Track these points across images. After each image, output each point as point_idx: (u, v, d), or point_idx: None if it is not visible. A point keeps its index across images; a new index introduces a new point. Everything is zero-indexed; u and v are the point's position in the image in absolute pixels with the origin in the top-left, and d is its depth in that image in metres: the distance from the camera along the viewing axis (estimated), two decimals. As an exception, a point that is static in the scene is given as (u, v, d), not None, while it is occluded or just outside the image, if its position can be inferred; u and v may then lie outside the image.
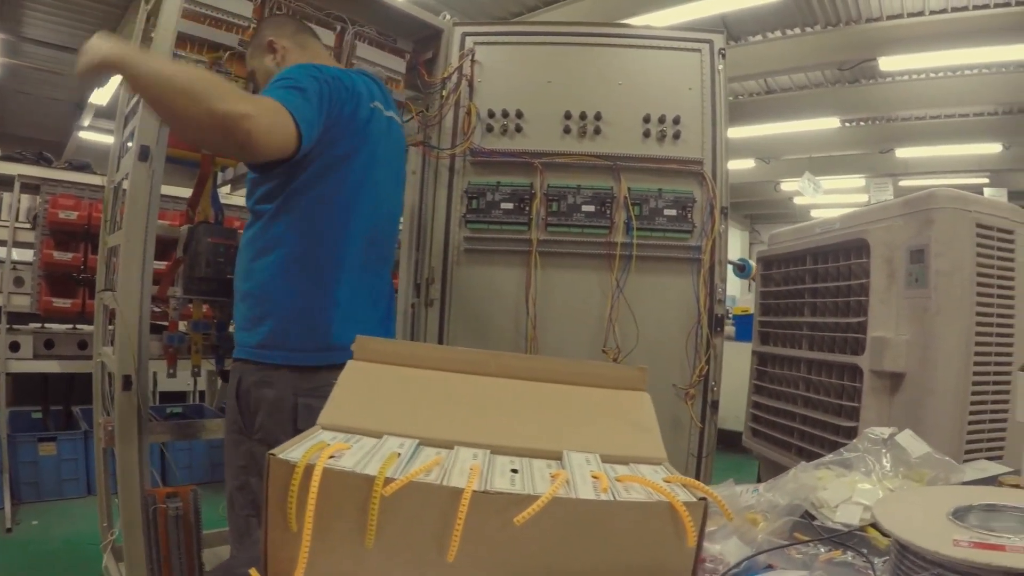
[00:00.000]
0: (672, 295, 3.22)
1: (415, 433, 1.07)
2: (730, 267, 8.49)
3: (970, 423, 2.44)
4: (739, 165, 13.90)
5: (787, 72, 9.60)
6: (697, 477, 1.79)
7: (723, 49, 3.40)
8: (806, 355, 2.74)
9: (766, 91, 10.74)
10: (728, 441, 4.37)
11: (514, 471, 0.98)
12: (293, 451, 0.93)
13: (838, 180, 14.42)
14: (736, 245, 5.54)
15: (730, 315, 7.60)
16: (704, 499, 0.92)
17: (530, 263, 3.22)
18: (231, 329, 2.60)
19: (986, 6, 8.02)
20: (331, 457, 0.93)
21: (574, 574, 0.91)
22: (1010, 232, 2.43)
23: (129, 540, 2.51)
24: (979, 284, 2.32)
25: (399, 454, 0.97)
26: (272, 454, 0.90)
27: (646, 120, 3.30)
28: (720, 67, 3.37)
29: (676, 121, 3.29)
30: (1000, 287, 2.39)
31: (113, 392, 2.50)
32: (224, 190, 3.67)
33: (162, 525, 2.50)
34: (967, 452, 2.40)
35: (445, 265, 3.31)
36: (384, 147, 2.34)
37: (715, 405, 3.18)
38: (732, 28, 8.64)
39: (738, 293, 10.10)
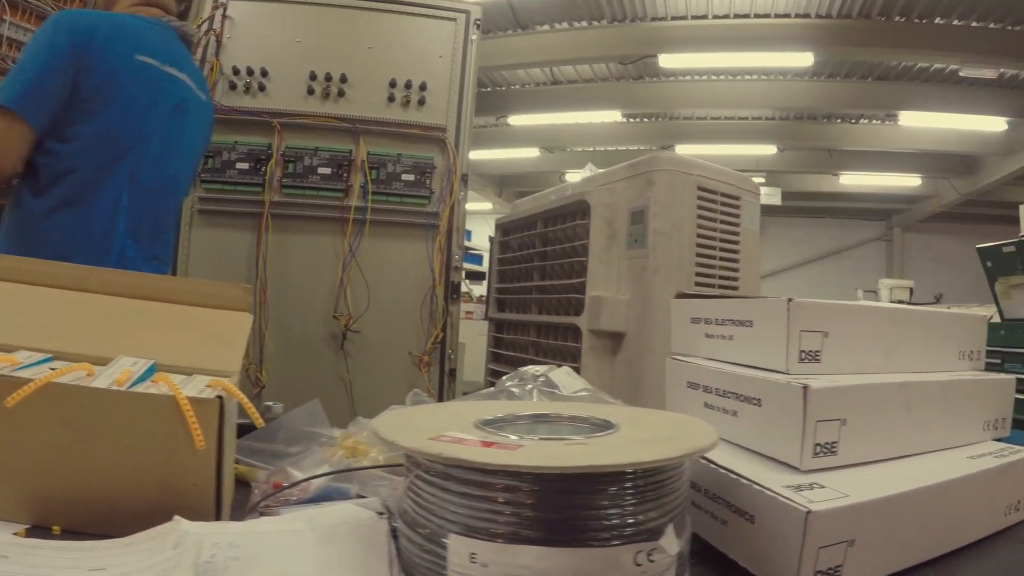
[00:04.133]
0: (408, 261, 3.14)
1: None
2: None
3: (691, 378, 2.43)
4: (524, 154, 14.02)
5: (572, 63, 9.73)
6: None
7: (478, 20, 3.35)
8: (535, 319, 2.70)
9: (552, 81, 10.82)
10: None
11: (52, 369, 0.92)
12: None
13: (621, 173, 14.69)
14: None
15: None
16: (219, 397, 0.84)
17: (261, 225, 3.08)
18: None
19: (767, 15, 8.37)
20: None
21: (84, 467, 0.86)
22: (736, 198, 2.44)
23: None
24: (699, 245, 2.31)
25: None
26: None
27: (392, 85, 3.21)
28: (474, 37, 3.32)
29: (423, 87, 3.21)
30: (723, 249, 2.40)
31: None
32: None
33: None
34: (687, 407, 2.39)
35: (178, 227, 3.12)
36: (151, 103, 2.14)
37: (452, 373, 3.13)
38: (520, 15, 8.68)
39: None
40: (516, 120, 11.96)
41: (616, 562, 0.62)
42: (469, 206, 3.26)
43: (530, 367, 1.38)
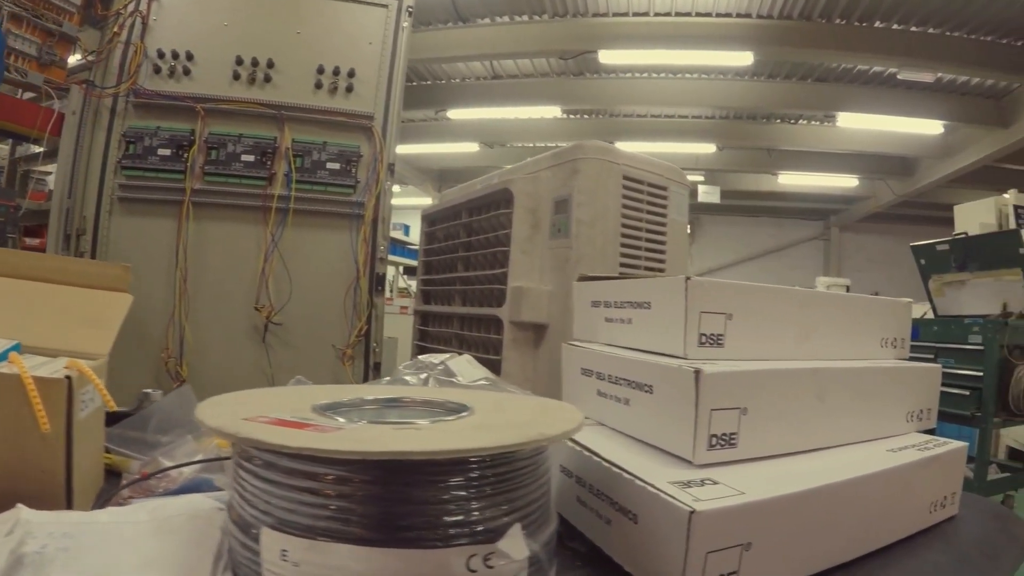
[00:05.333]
0: (332, 252, 3.08)
1: None
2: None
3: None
4: (464, 148, 13.91)
5: (512, 57, 9.68)
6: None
7: (410, 7, 3.30)
8: (458, 311, 2.66)
9: (492, 76, 10.76)
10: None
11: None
12: None
13: (561, 170, 14.65)
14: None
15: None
16: (68, 378, 0.78)
17: (182, 214, 2.99)
18: None
19: (708, 14, 8.40)
20: None
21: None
22: (663, 188, 2.41)
23: None
24: (624, 235, 2.27)
25: None
26: None
27: (320, 71, 3.14)
28: (405, 24, 3.27)
29: (351, 74, 3.15)
30: (649, 239, 2.37)
31: None
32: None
33: None
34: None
35: (98, 215, 3.03)
36: None
37: (377, 367, 3.08)
38: (460, 8, 8.61)
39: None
40: (455, 114, 11.86)
41: (444, 566, 0.55)
42: (409, 201, 3.22)
43: (429, 355, 1.34)
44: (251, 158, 3.04)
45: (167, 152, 3.01)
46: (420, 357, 1.30)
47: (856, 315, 1.11)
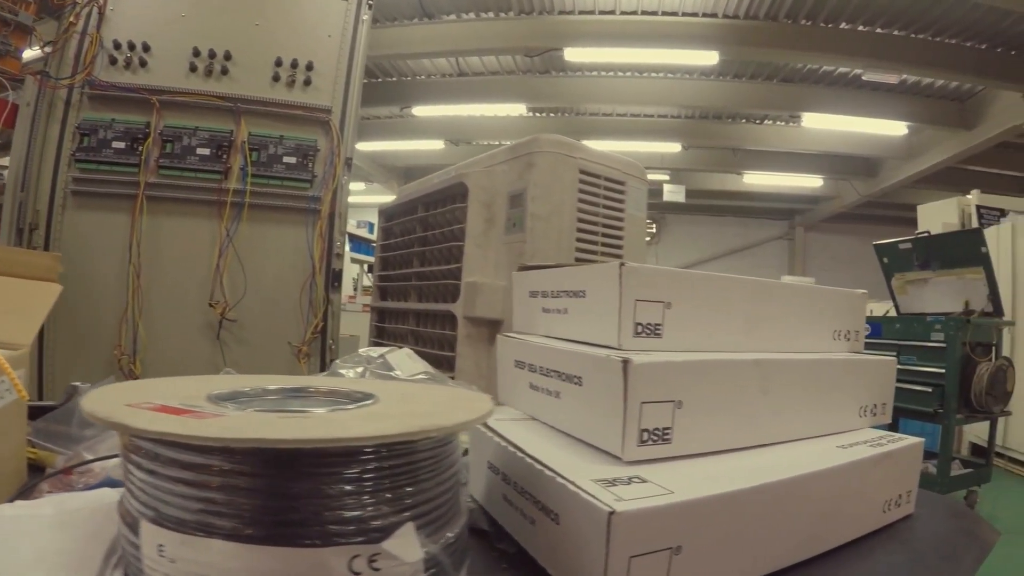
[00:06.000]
0: (288, 247, 3.05)
1: None
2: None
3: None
4: (429, 146, 13.86)
5: (478, 54, 9.65)
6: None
7: (371, 0, 3.27)
8: (413, 307, 2.63)
9: (458, 72, 10.72)
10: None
11: None
12: None
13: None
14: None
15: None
16: None
17: (136, 208, 2.94)
18: None
19: (674, 13, 8.41)
20: None
21: None
22: (621, 183, 2.39)
23: None
24: (580, 230, 2.25)
25: None
26: None
27: (278, 64, 3.11)
28: (365, 17, 3.24)
29: (309, 67, 3.12)
30: (606, 234, 2.35)
31: None
32: None
33: None
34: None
35: (51, 209, 2.97)
36: None
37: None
38: (426, 4, 8.56)
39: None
40: (421, 111, 11.83)
41: (322, 566, 0.50)
42: (373, 199, 3.19)
43: (369, 348, 1.31)
44: (206, 151, 3.00)
45: (121, 145, 2.97)
46: (360, 351, 1.27)
47: (808, 306, 1.07)
